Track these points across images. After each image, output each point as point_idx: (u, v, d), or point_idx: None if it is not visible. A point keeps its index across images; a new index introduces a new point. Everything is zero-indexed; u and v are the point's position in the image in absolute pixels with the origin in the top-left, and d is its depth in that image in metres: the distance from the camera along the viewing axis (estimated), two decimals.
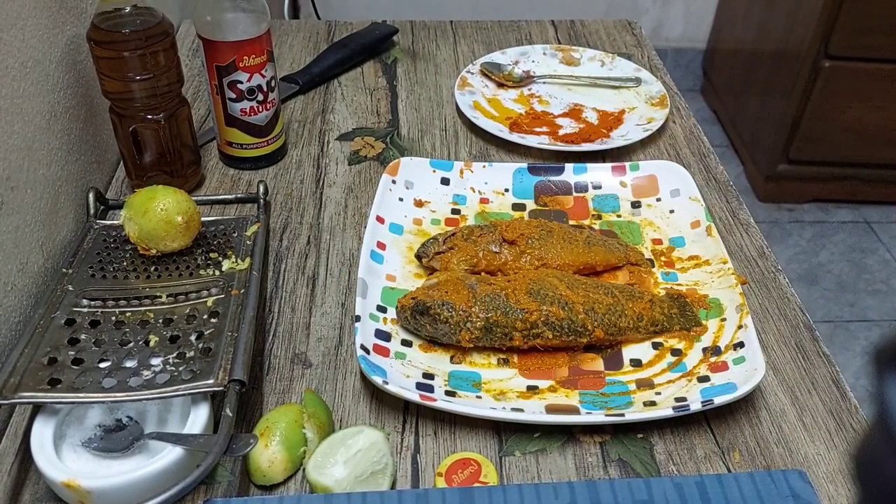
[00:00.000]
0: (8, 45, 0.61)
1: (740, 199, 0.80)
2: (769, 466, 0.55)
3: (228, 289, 0.62)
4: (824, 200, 2.11)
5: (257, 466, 0.52)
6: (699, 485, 0.50)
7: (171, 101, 0.73)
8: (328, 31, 1.08)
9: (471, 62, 1.01)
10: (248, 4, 0.73)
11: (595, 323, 0.61)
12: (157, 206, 0.63)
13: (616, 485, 0.50)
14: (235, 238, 0.68)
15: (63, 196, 0.71)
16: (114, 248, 0.66)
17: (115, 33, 0.67)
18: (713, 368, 0.59)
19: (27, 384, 0.52)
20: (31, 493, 0.52)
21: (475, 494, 0.49)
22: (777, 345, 0.64)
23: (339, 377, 0.60)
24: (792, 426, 0.58)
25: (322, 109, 0.92)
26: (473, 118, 0.88)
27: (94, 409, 0.53)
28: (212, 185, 0.80)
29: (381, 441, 0.53)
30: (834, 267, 1.93)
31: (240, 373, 0.53)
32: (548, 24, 1.13)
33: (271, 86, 0.78)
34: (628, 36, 1.11)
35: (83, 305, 0.59)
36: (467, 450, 0.55)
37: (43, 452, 0.49)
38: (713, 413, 0.58)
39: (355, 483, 0.50)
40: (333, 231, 0.74)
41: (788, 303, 0.68)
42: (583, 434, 0.57)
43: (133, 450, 0.51)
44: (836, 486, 0.54)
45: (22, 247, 0.63)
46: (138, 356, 0.55)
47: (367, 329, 0.60)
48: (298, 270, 0.70)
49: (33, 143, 0.65)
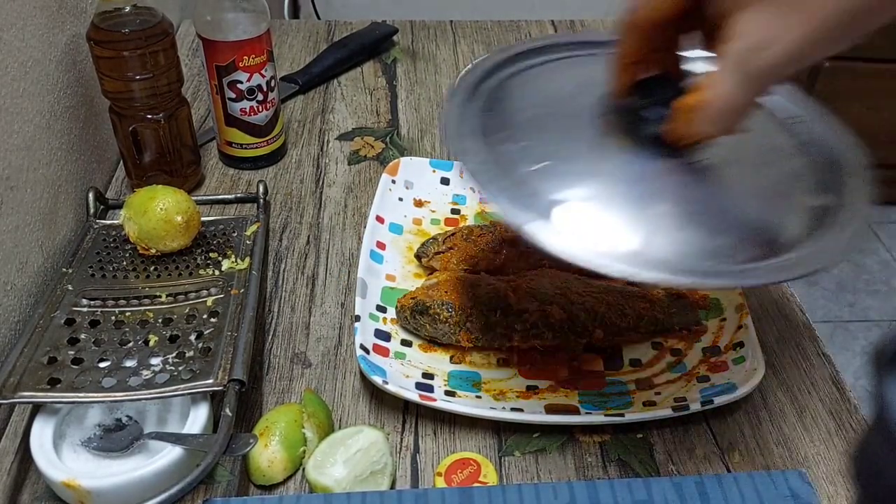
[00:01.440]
0: (8, 44, 0.61)
1: None
2: (769, 466, 0.55)
3: (228, 288, 0.62)
4: None
5: (257, 466, 0.52)
6: (699, 485, 0.50)
7: (170, 101, 0.73)
8: (328, 31, 1.08)
9: (470, 62, 1.01)
10: (248, 4, 0.73)
11: (595, 323, 0.61)
12: (156, 205, 0.63)
13: (615, 485, 0.50)
14: (235, 238, 0.68)
15: (63, 196, 0.71)
16: (113, 248, 0.66)
17: (115, 33, 0.67)
18: (713, 368, 0.59)
19: (27, 384, 0.52)
20: (30, 493, 0.52)
21: (474, 494, 0.49)
22: (777, 345, 0.64)
23: (338, 377, 0.60)
24: (791, 426, 0.58)
25: (322, 109, 0.92)
26: None
27: (93, 408, 0.53)
28: (211, 184, 0.80)
29: (381, 441, 0.53)
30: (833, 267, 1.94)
31: (239, 372, 0.53)
32: (548, 24, 1.13)
33: (271, 85, 0.78)
34: None
35: (83, 305, 0.59)
36: (467, 450, 0.55)
37: (42, 452, 0.49)
38: (713, 413, 0.58)
39: (355, 483, 0.50)
40: (333, 231, 0.74)
41: (788, 303, 0.68)
42: (582, 434, 0.57)
43: (133, 449, 0.51)
44: (836, 487, 0.54)
45: (21, 246, 0.63)
46: (138, 356, 0.55)
47: (366, 329, 0.60)
48: (298, 270, 0.70)
49: (33, 142, 0.65)
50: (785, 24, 0.37)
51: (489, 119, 0.49)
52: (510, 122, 0.48)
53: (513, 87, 0.52)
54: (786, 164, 0.50)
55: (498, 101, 0.50)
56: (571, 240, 0.42)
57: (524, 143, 0.46)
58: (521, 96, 0.51)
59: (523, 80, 0.53)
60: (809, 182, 0.49)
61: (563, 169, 0.45)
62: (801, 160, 0.50)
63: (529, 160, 0.45)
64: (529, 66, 0.54)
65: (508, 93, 0.51)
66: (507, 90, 0.52)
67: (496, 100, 0.51)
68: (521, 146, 0.46)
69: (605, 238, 0.43)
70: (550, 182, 0.44)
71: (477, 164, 0.45)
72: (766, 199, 0.48)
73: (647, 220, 0.44)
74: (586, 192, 0.45)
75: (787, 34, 0.37)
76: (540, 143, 0.47)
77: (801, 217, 0.47)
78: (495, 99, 0.51)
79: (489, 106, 0.50)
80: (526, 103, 0.50)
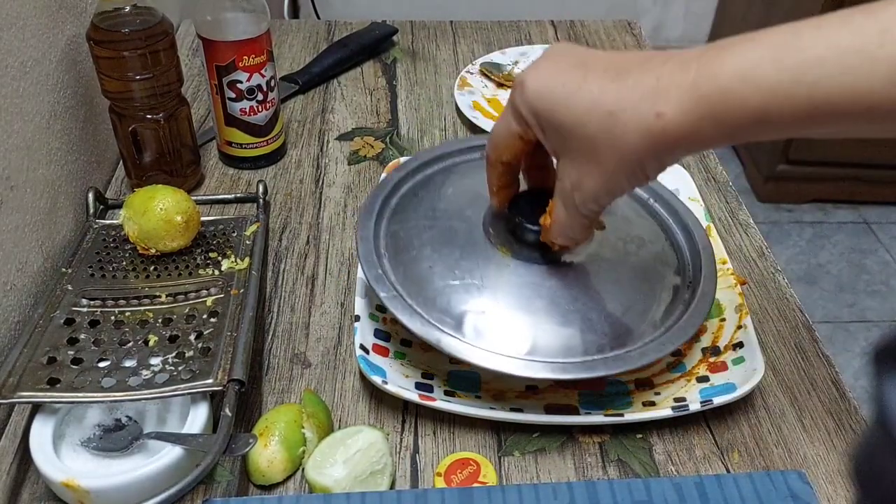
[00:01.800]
0: (7, 44, 0.61)
1: (739, 200, 0.80)
2: (768, 467, 0.55)
3: (228, 288, 0.62)
4: (824, 201, 2.11)
5: (256, 466, 0.52)
6: (698, 485, 0.50)
7: (170, 101, 0.73)
8: (328, 31, 1.08)
9: (470, 62, 1.01)
10: (247, 4, 0.73)
11: None
12: (156, 205, 0.63)
13: (615, 485, 0.50)
14: (235, 238, 0.68)
15: (62, 195, 0.71)
16: (113, 248, 0.66)
17: (115, 33, 0.67)
18: (712, 369, 0.59)
19: (26, 383, 0.52)
20: (29, 493, 0.52)
21: (474, 494, 0.50)
22: (776, 345, 0.64)
23: (338, 377, 0.60)
24: (791, 427, 0.58)
25: (322, 109, 0.92)
26: (473, 118, 0.88)
27: (93, 408, 0.53)
28: (211, 184, 0.80)
29: (381, 441, 0.53)
30: (833, 267, 1.94)
31: (239, 372, 0.53)
32: (547, 24, 1.13)
33: (271, 85, 0.78)
34: (628, 36, 1.11)
35: (82, 305, 0.59)
36: (466, 450, 0.55)
37: (42, 452, 0.49)
38: (712, 413, 0.58)
39: (354, 483, 0.50)
40: (333, 231, 0.74)
41: (788, 303, 0.68)
42: (582, 434, 0.57)
43: (132, 449, 0.51)
44: (836, 487, 0.54)
45: (21, 246, 0.63)
46: (137, 356, 0.55)
47: (366, 329, 0.60)
48: (298, 270, 0.70)
49: (33, 142, 0.65)
50: (587, 171, 0.46)
51: (397, 238, 0.59)
52: (419, 240, 0.58)
53: (416, 202, 0.62)
54: (646, 250, 0.61)
55: (404, 219, 0.60)
56: (478, 351, 0.52)
57: (429, 263, 0.56)
58: (421, 212, 0.61)
59: (423, 193, 0.63)
60: (664, 267, 0.60)
61: (464, 283, 0.55)
62: (658, 245, 0.61)
63: (437, 277, 0.56)
64: (429, 175, 0.64)
65: (413, 208, 0.61)
66: (409, 205, 0.62)
67: (402, 218, 0.61)
68: (427, 267, 0.56)
69: (503, 343, 0.53)
70: (456, 295, 0.55)
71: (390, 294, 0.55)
72: (628, 287, 0.58)
73: (533, 324, 0.54)
74: (484, 304, 0.54)
75: (589, 180, 0.46)
76: (442, 260, 0.56)
77: (659, 300, 0.57)
78: (401, 217, 0.61)
79: (397, 222, 0.60)
80: (428, 220, 0.60)
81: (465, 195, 0.62)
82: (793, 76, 0.39)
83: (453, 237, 0.58)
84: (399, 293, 0.55)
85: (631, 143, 0.43)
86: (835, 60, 0.38)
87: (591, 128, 0.44)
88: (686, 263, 0.61)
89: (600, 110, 0.44)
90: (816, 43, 0.38)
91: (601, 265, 0.58)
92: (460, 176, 0.65)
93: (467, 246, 0.57)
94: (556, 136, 0.47)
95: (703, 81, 0.41)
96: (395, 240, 0.59)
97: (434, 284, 0.55)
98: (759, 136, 0.42)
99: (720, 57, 0.41)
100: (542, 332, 0.54)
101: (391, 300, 0.55)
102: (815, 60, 0.38)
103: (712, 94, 0.40)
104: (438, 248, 0.58)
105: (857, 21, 0.38)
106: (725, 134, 0.42)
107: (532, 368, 0.52)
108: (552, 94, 0.46)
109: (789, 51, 0.39)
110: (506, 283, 0.55)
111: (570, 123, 0.45)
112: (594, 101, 0.44)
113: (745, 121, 0.41)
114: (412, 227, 0.59)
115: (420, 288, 0.56)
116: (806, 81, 0.38)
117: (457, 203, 0.61)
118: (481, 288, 0.55)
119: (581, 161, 0.46)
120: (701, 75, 0.41)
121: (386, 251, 0.58)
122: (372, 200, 0.61)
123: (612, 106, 0.43)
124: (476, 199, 0.59)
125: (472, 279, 0.55)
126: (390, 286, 0.56)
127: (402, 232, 0.59)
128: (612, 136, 0.44)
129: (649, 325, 0.56)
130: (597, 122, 0.44)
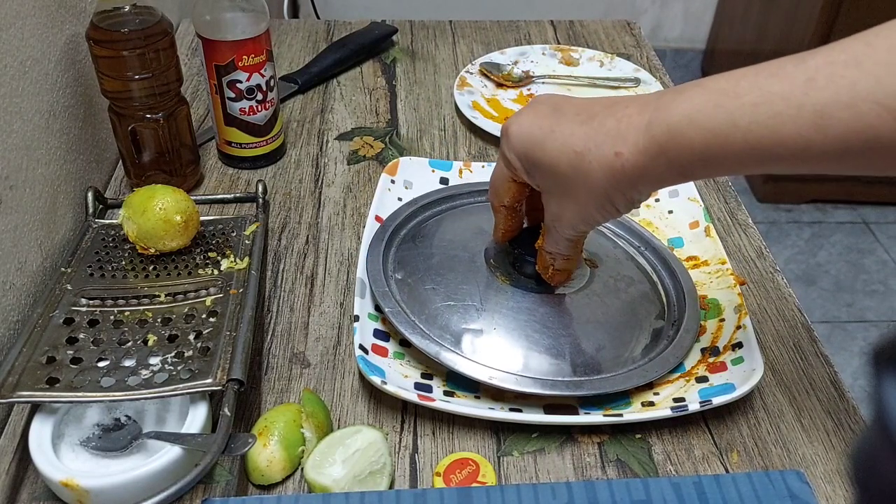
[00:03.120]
0: (7, 43, 0.61)
1: (739, 200, 0.80)
2: (767, 467, 0.55)
3: (227, 288, 0.62)
4: (822, 201, 2.11)
5: (255, 466, 0.52)
6: (697, 485, 0.50)
7: (170, 101, 0.73)
8: (327, 31, 1.08)
9: (470, 62, 1.01)
10: (247, 4, 0.73)
11: None
12: (155, 205, 0.63)
13: (614, 485, 0.50)
14: (234, 237, 0.68)
15: (62, 195, 0.71)
16: (112, 248, 0.66)
17: (115, 32, 0.67)
18: (711, 369, 0.59)
19: (25, 383, 0.52)
20: (29, 492, 0.52)
21: (473, 494, 0.50)
22: (775, 345, 0.64)
23: (337, 377, 0.60)
24: (790, 426, 0.58)
25: (321, 109, 0.92)
26: (472, 118, 0.88)
27: (92, 408, 0.53)
28: (210, 184, 0.80)
29: (380, 441, 0.53)
30: (832, 267, 1.94)
31: (238, 372, 0.53)
32: (547, 24, 1.13)
33: (270, 85, 0.78)
34: (627, 36, 1.11)
35: (82, 304, 0.59)
36: (465, 450, 0.55)
37: (41, 451, 0.49)
38: (711, 413, 0.58)
39: (353, 483, 0.50)
40: (332, 231, 0.74)
41: (787, 303, 0.68)
42: (581, 434, 0.57)
43: (131, 449, 0.51)
44: (834, 487, 0.54)
45: (20, 246, 0.63)
46: (137, 355, 0.55)
47: (365, 329, 0.60)
48: (297, 270, 0.70)
49: (32, 142, 0.65)
50: (564, 204, 0.51)
51: (407, 263, 0.64)
52: (424, 265, 0.63)
53: (424, 233, 0.68)
54: (634, 288, 0.65)
55: (413, 247, 0.66)
56: (474, 366, 0.56)
57: (432, 285, 0.61)
58: (430, 242, 0.66)
59: (430, 227, 0.69)
60: (650, 305, 0.64)
61: (463, 305, 0.59)
62: (645, 285, 0.65)
63: (438, 298, 0.60)
64: (436, 213, 0.71)
65: (421, 238, 0.67)
66: (419, 236, 0.67)
67: (411, 246, 0.66)
68: (430, 288, 0.61)
69: (498, 360, 0.57)
70: (455, 315, 0.59)
71: (394, 307, 0.59)
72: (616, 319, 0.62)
73: (526, 346, 0.58)
74: (482, 324, 0.58)
75: (566, 212, 0.52)
76: (444, 284, 0.61)
77: (644, 333, 0.61)
78: (411, 245, 0.66)
79: (407, 248, 0.66)
80: (433, 249, 0.65)
81: (469, 230, 0.67)
82: (730, 120, 0.42)
83: (456, 264, 0.63)
84: (403, 309, 0.59)
85: (597, 180, 0.47)
86: (766, 106, 0.41)
87: (563, 166, 0.49)
88: (672, 303, 0.65)
89: (570, 150, 0.48)
90: (752, 90, 0.42)
91: (592, 298, 0.62)
92: (467, 214, 0.71)
93: (469, 273, 0.62)
94: (538, 175, 0.52)
95: (656, 124, 0.45)
96: (404, 264, 0.64)
97: (435, 304, 0.60)
98: (709, 174, 0.47)
99: (674, 101, 0.44)
100: (534, 353, 0.57)
101: (395, 315, 0.59)
102: (750, 106, 0.41)
103: (661, 136, 0.44)
104: (442, 273, 0.62)
105: (787, 69, 0.41)
106: (678, 172, 0.45)
107: (522, 384, 0.56)
108: (531, 137, 0.51)
109: (728, 96, 0.42)
110: (503, 307, 0.59)
111: (547, 163, 0.50)
112: (565, 142, 0.48)
113: (692, 160, 0.44)
114: (422, 255, 0.65)
115: (423, 306, 0.60)
116: (741, 126, 0.41)
117: (461, 236, 0.66)
118: (480, 310, 0.59)
119: (558, 195, 0.51)
120: (654, 118, 0.45)
121: (393, 273, 0.63)
122: (382, 230, 0.67)
123: (580, 146, 0.48)
124: (479, 234, 0.65)
125: (471, 301, 0.60)
126: (395, 303, 0.60)
127: (411, 258, 0.65)
128: (580, 173, 0.48)
129: (634, 354, 0.60)
130: (567, 161, 0.48)
